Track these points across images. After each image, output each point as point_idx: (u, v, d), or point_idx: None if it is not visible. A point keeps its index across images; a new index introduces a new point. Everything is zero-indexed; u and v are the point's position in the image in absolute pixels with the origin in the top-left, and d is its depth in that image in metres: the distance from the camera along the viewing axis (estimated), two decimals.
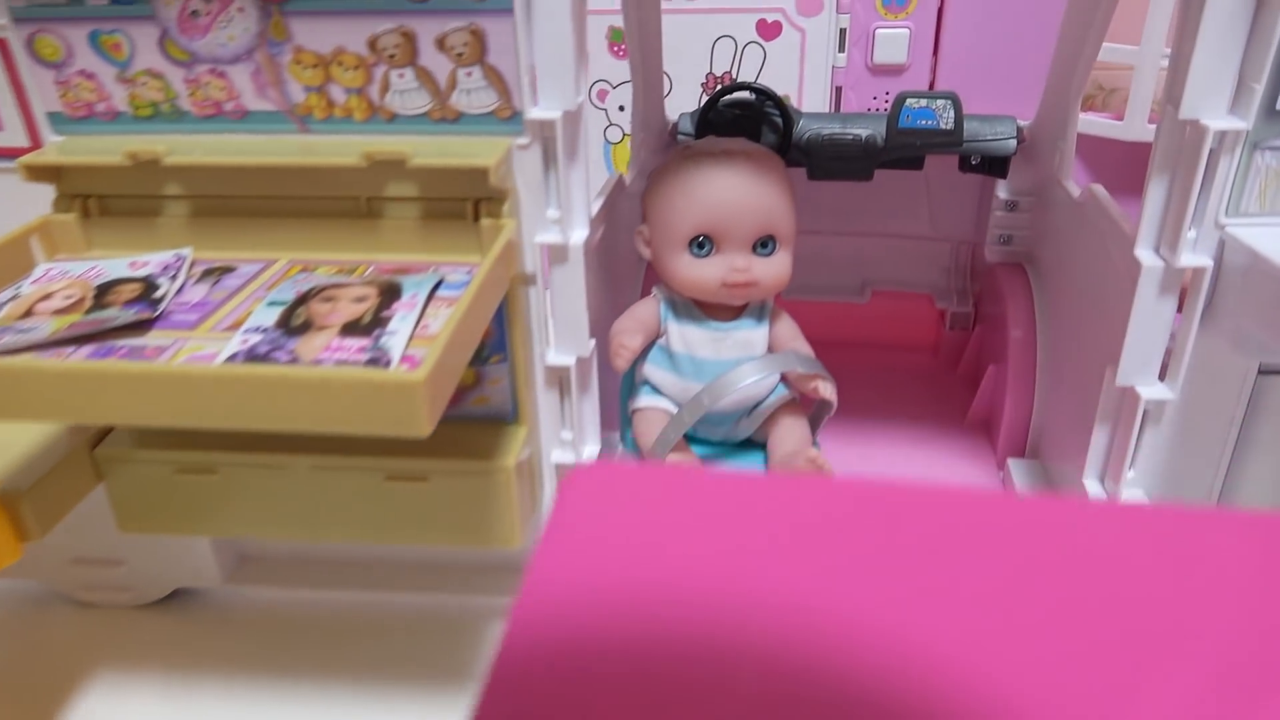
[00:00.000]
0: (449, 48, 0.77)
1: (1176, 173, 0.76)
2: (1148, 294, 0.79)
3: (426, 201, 0.81)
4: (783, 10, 1.52)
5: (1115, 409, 0.87)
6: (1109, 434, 0.89)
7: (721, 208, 0.90)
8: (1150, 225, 0.79)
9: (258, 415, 0.59)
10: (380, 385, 0.58)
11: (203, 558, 1.03)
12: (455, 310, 0.65)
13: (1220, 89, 0.72)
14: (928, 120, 1.14)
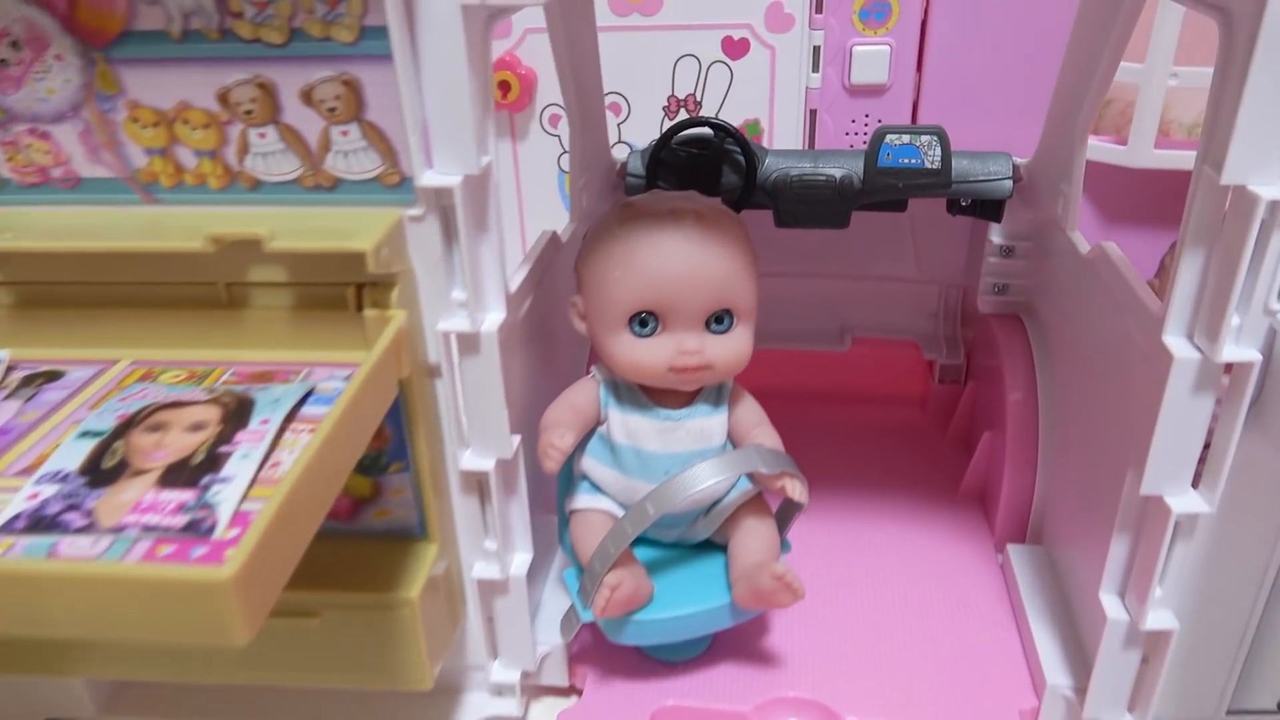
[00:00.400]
0: (317, 102, 0.62)
1: (1216, 247, 0.62)
2: (1180, 390, 0.65)
3: (298, 288, 0.66)
4: (750, 26, 1.38)
5: (1138, 518, 0.73)
6: (1129, 545, 0.74)
7: (668, 280, 0.75)
8: (1183, 308, 0.65)
9: (14, 621, 0.44)
10: (168, 586, 0.43)
11: (75, 690, 0.88)
12: (301, 456, 0.50)
13: (1273, 151, 0.58)
14: (911, 159, 0.99)
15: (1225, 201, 0.61)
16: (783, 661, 0.88)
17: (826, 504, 1.10)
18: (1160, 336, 0.66)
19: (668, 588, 0.83)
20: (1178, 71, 1.28)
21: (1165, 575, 0.72)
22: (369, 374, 0.59)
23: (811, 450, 1.20)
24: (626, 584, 0.77)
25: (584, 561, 0.82)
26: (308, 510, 0.51)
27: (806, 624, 0.92)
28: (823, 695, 0.84)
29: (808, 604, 0.94)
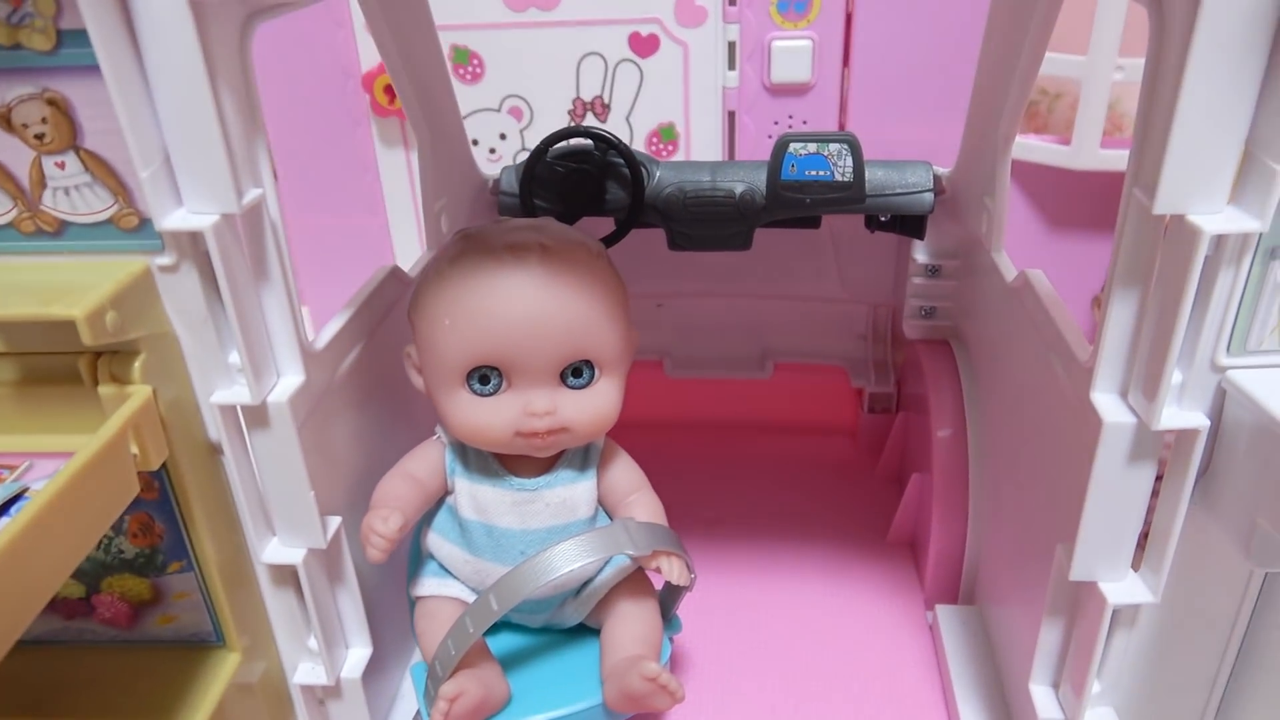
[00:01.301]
0: (19, 126, 0.49)
1: (1152, 289, 0.50)
2: (1113, 459, 0.53)
3: (18, 359, 0.53)
4: (659, 21, 1.25)
5: (1070, 603, 0.61)
6: (1062, 632, 0.63)
7: (508, 329, 0.63)
8: (1114, 360, 0.53)
9: None
10: None
11: None
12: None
13: (1217, 172, 0.46)
14: (819, 170, 0.87)
15: (1161, 233, 0.49)
16: None
17: (740, 553, 0.98)
18: (1089, 393, 0.54)
19: (530, 684, 0.70)
20: (1124, 64, 1.17)
21: (1104, 669, 0.61)
22: (84, 466, 0.46)
23: (729, 488, 1.09)
24: (471, 692, 0.64)
25: (428, 659, 0.69)
26: None
27: (704, 711, 0.80)
28: None
29: (704, 680, 0.83)
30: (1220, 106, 0.44)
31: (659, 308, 1.15)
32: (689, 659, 0.85)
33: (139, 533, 0.58)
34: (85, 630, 0.63)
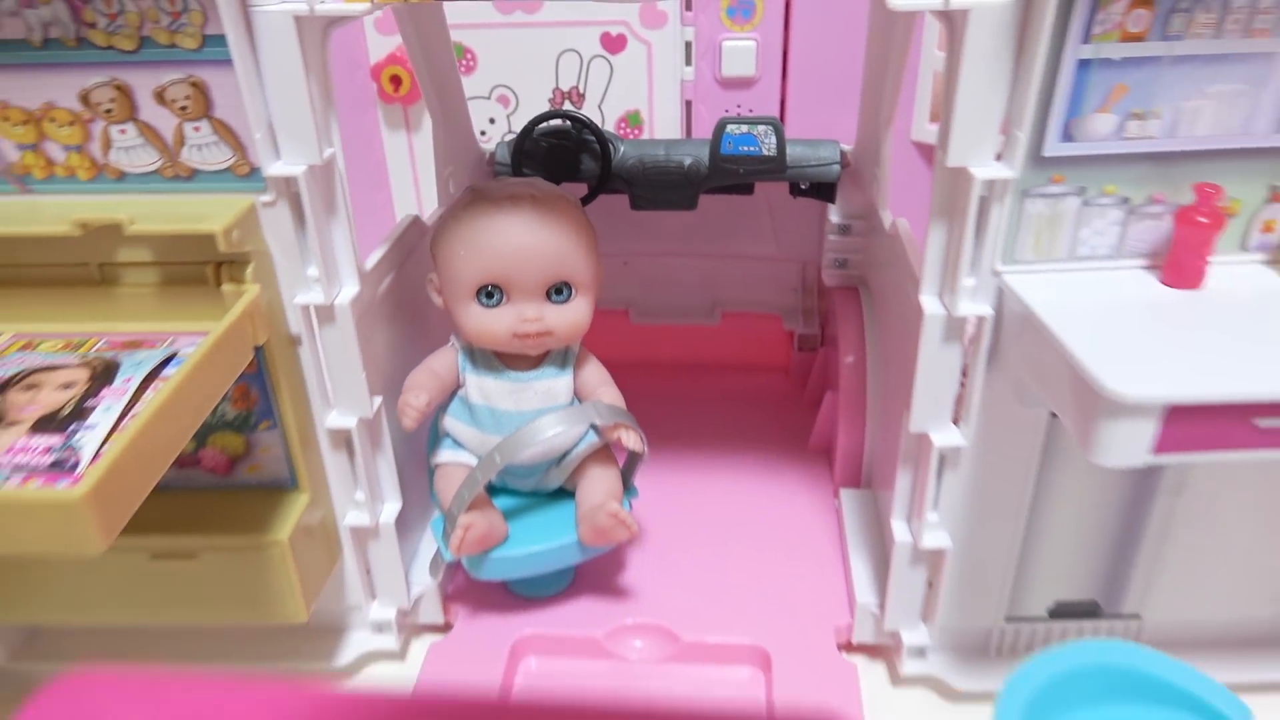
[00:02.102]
0: (170, 101, 0.71)
1: (953, 220, 0.73)
2: (931, 341, 0.77)
3: (163, 267, 0.75)
4: (626, 23, 1.47)
5: (914, 454, 0.85)
6: (911, 478, 0.86)
7: (507, 256, 0.85)
8: (933, 271, 0.76)
9: None
10: (33, 507, 0.52)
11: None
12: (150, 405, 0.59)
13: (985, 136, 0.69)
14: (749, 147, 1.10)
15: (954, 180, 0.72)
16: (632, 594, 0.99)
17: (688, 456, 1.21)
18: (918, 296, 0.77)
19: (522, 529, 0.93)
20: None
21: (938, 501, 0.84)
22: (219, 338, 0.68)
23: (681, 414, 1.32)
24: (479, 524, 0.87)
25: (445, 510, 0.91)
26: (158, 446, 0.60)
27: (655, 563, 1.03)
28: (665, 620, 0.95)
29: (657, 544, 1.06)
30: (984, 94, 0.67)
31: (625, 265, 1.37)
32: (642, 524, 1.07)
33: (239, 398, 0.80)
34: (193, 478, 0.84)
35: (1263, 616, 0.92)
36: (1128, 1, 0.63)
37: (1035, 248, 0.73)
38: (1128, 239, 0.72)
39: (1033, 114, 0.67)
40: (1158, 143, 0.68)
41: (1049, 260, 0.73)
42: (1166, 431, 0.60)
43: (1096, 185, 0.70)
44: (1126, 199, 0.71)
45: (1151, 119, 0.68)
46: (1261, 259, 0.73)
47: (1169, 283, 0.71)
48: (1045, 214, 0.71)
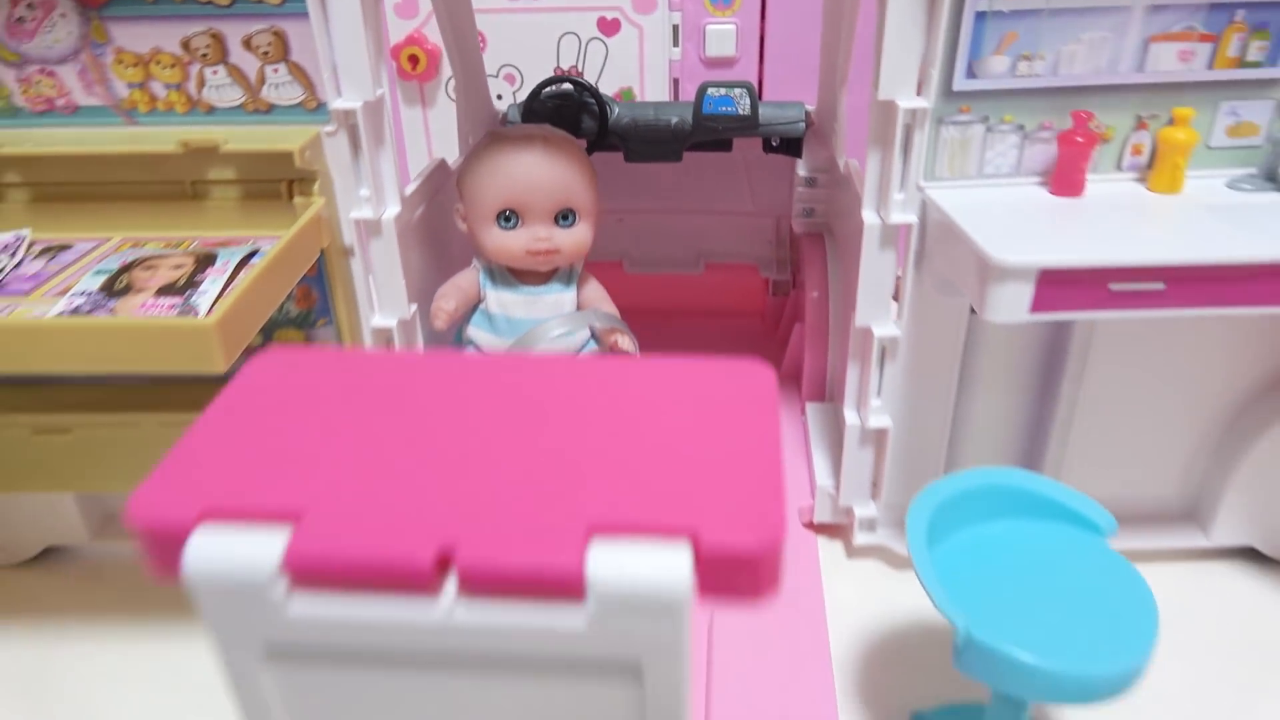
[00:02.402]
0: (255, 47, 0.88)
1: (885, 146, 0.91)
2: (871, 246, 0.94)
3: (244, 184, 0.92)
4: (620, 9, 1.65)
5: (861, 347, 1.02)
6: (859, 370, 1.04)
7: (522, 184, 1.02)
8: (871, 189, 0.94)
9: (75, 359, 0.69)
10: (178, 329, 0.69)
11: (70, 518, 1.11)
12: (252, 271, 0.76)
13: (907, 74, 0.87)
14: (727, 107, 1.28)
15: (884, 112, 0.89)
16: None
17: None
18: (860, 211, 0.95)
19: None
20: None
21: (880, 388, 1.02)
22: (293, 237, 0.85)
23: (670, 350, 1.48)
24: None
25: None
26: (254, 307, 0.77)
27: None
28: None
29: None
30: (905, 41, 0.85)
31: (619, 221, 1.54)
32: None
33: (302, 298, 0.97)
34: None
35: (1164, 495, 1.09)
36: None
37: (950, 167, 0.90)
38: (1024, 159, 0.90)
39: (942, 56, 0.85)
40: (1043, 79, 0.86)
41: (962, 178, 0.91)
42: (1040, 293, 0.77)
43: (997, 114, 0.88)
44: (1021, 126, 0.89)
45: (1037, 60, 0.85)
46: (1133, 176, 0.91)
47: (1056, 193, 0.89)
48: (957, 139, 0.89)
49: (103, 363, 0.69)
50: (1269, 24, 0.84)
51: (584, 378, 0.47)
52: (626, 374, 0.48)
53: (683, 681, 0.35)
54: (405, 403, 0.43)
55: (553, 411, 0.42)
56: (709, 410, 0.43)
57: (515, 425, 0.40)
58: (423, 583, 0.33)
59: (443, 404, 0.43)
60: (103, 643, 1.03)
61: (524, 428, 0.40)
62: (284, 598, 0.34)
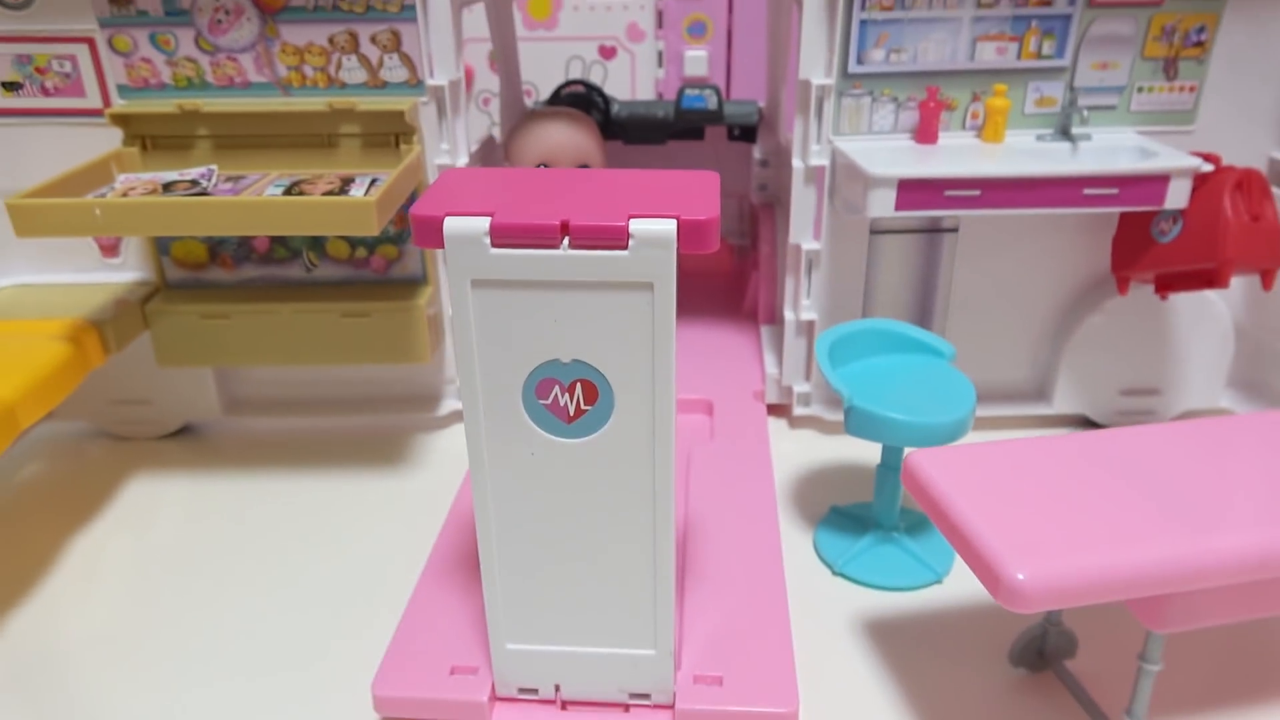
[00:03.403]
0: (379, 42, 1.30)
1: (805, 111, 1.33)
2: (798, 183, 1.36)
3: (365, 136, 1.33)
4: (617, 38, 2.09)
5: (794, 262, 1.43)
6: (793, 279, 1.45)
7: (552, 143, 1.44)
8: (798, 143, 1.36)
9: (284, 224, 1.09)
10: (353, 203, 1.09)
11: (208, 396, 1.49)
12: (383, 184, 1.17)
13: (818, 61, 1.29)
14: (700, 104, 1.71)
15: (805, 87, 1.32)
16: None
17: None
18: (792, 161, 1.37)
19: None
20: None
21: (810, 290, 1.43)
22: (402, 169, 1.25)
23: None
24: None
25: None
26: (386, 203, 1.17)
27: None
28: None
29: None
30: (816, 38, 1.28)
31: None
32: None
33: (399, 220, 1.37)
34: (365, 275, 1.41)
35: (1019, 375, 1.50)
36: None
37: (849, 125, 1.33)
38: (899, 120, 1.33)
39: (840, 49, 1.28)
40: (907, 66, 1.29)
41: (857, 133, 1.33)
42: (900, 196, 1.19)
43: (879, 89, 1.31)
44: (896, 98, 1.31)
45: (903, 53, 1.28)
46: (973, 133, 1.34)
47: (920, 142, 1.32)
48: (853, 106, 1.31)
49: (302, 227, 1.10)
50: (1055, 29, 1.28)
51: None
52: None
53: (671, 296, 0.75)
54: (537, 179, 0.84)
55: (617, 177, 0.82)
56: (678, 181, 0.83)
57: (590, 181, 0.81)
58: (552, 238, 0.73)
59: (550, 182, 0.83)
60: (232, 500, 1.41)
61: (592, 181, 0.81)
62: (487, 247, 0.74)
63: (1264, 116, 1.35)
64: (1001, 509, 0.82)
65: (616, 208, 0.75)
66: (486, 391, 0.80)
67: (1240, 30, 1.29)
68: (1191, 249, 1.22)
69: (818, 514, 1.30)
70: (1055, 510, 0.82)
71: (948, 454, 0.91)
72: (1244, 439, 0.94)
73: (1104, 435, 0.95)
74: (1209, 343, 1.44)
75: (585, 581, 0.86)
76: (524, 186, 0.82)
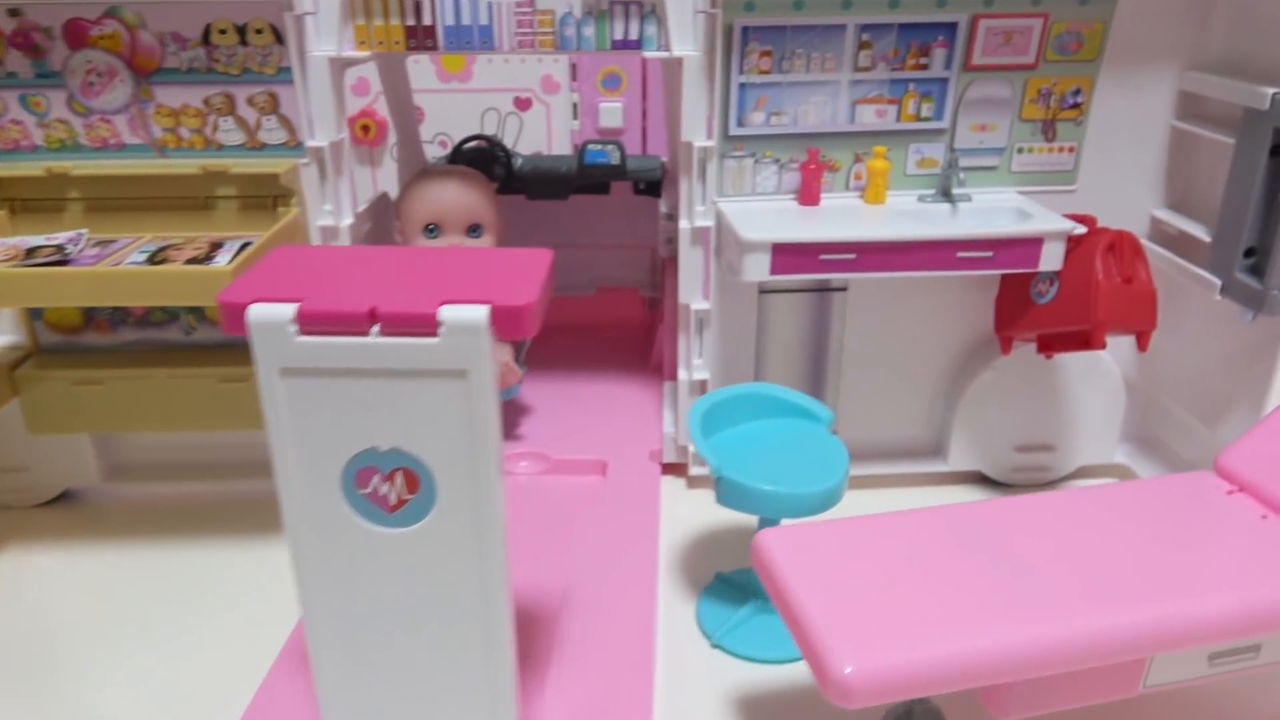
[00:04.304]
0: (255, 104, 1.28)
1: (689, 173, 1.33)
2: (684, 244, 1.35)
3: (242, 199, 1.30)
4: (532, 90, 2.09)
5: (685, 322, 1.42)
6: (685, 338, 1.43)
7: (442, 204, 1.42)
8: (684, 204, 1.35)
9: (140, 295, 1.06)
10: (210, 272, 1.06)
11: (86, 463, 1.44)
12: (249, 250, 1.15)
13: (699, 122, 1.29)
14: (603, 159, 1.71)
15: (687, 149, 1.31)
16: (524, 436, 1.53)
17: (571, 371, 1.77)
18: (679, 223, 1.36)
19: None
20: None
21: (702, 350, 1.41)
22: (274, 232, 1.23)
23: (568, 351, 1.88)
24: None
25: None
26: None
27: (540, 418, 1.58)
28: (541, 448, 1.49)
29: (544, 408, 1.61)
30: (695, 101, 1.28)
31: None
32: (534, 398, 1.62)
33: None
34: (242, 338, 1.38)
35: (914, 432, 1.50)
36: (758, 53, 1.24)
37: (733, 186, 1.33)
38: (782, 182, 1.33)
39: (720, 112, 1.28)
40: (788, 128, 1.29)
41: (741, 195, 1.33)
42: (775, 260, 1.19)
43: (761, 151, 1.31)
44: (778, 159, 1.31)
45: (784, 115, 1.29)
46: (857, 194, 1.34)
47: (803, 204, 1.32)
48: (735, 167, 1.31)
49: (158, 298, 1.07)
50: (933, 92, 1.29)
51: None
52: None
53: (487, 383, 0.73)
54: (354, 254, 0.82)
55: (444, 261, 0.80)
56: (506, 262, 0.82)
57: (414, 263, 0.79)
58: (360, 326, 0.71)
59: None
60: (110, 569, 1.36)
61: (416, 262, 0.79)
62: (294, 335, 0.71)
63: (1145, 175, 1.37)
64: (840, 595, 0.81)
65: (430, 293, 0.74)
66: (304, 481, 0.77)
67: (1116, 92, 1.31)
68: (1067, 311, 1.22)
69: (704, 579, 1.28)
70: (896, 596, 0.81)
71: (796, 534, 0.90)
72: (1101, 513, 0.94)
73: (960, 511, 0.94)
74: (1100, 399, 1.44)
75: (418, 672, 0.83)
76: (344, 268, 0.80)
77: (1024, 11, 1.24)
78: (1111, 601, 0.80)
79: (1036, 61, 1.27)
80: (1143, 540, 0.89)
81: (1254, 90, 1.15)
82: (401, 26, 1.25)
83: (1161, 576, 0.83)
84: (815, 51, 1.25)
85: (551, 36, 1.25)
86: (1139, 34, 1.28)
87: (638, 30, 1.26)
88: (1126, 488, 0.99)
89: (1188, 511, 0.93)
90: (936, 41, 1.25)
